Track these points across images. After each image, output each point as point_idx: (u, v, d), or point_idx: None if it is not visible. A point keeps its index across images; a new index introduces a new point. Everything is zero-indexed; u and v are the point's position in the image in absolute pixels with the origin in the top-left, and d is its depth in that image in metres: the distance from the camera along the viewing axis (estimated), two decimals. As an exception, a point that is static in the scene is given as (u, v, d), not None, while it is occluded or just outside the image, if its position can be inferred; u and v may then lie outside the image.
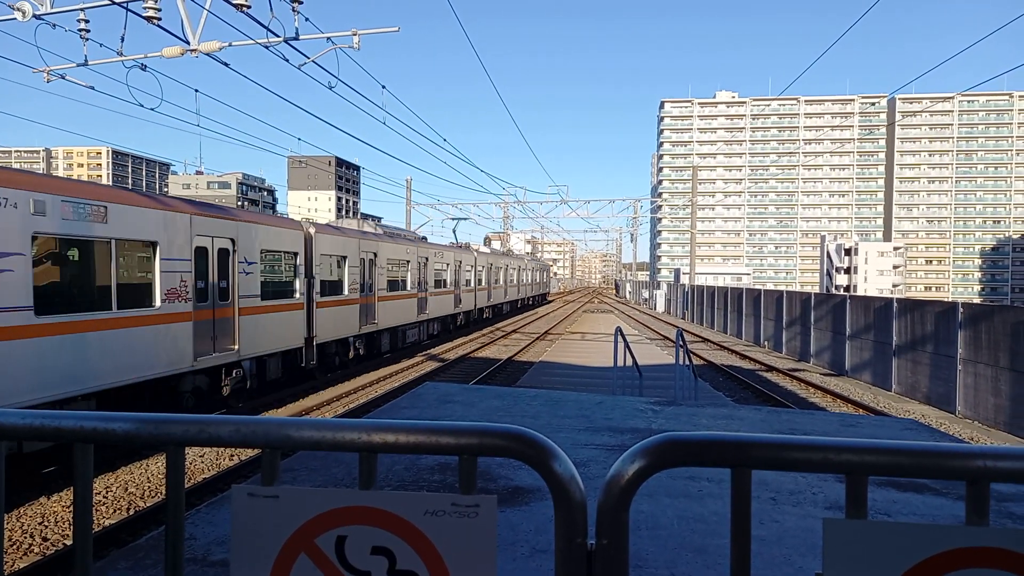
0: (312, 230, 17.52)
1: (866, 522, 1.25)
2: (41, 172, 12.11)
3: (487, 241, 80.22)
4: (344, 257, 19.40)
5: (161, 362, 11.70)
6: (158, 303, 11.68)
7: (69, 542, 7.56)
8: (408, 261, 25.23)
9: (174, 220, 12.08)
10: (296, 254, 16.72)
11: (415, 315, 25.91)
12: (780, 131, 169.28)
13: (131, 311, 11.04)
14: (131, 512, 8.58)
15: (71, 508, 8.23)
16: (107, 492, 9.22)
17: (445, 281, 30.54)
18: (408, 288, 25.16)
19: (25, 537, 7.68)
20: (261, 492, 1.38)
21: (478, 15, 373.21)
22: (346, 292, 19.57)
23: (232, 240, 13.85)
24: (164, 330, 11.79)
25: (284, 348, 16.03)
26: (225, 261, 13.73)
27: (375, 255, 21.81)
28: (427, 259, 27.62)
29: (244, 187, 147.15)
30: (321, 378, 18.21)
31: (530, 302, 60.94)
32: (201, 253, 12.90)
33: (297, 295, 16.72)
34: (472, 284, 35.94)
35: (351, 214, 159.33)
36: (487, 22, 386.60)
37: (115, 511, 8.64)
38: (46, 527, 7.99)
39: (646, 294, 71.19)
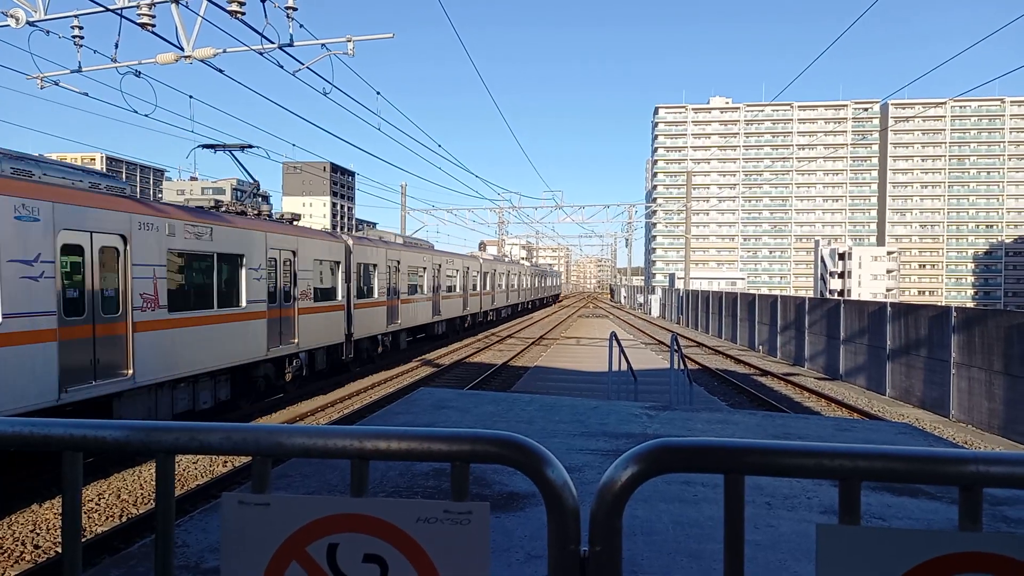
0: (481, 259, 39.94)
1: (859, 528, 1.25)
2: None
3: (482, 247, 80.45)
4: (495, 272, 41.95)
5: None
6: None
7: (61, 550, 7.50)
8: (504, 273, 46.35)
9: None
10: (468, 270, 36.11)
11: (505, 301, 47.84)
12: (774, 136, 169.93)
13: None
14: (124, 519, 8.52)
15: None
16: (99, 499, 9.16)
17: (513, 284, 50.91)
18: (504, 288, 46.58)
19: (16, 545, 7.62)
20: (252, 500, 1.37)
21: (472, 22, 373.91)
22: (489, 290, 41.23)
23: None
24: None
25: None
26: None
27: (495, 271, 42.33)
28: (509, 271, 49.04)
29: (238, 193, 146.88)
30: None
31: (550, 299, 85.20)
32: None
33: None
34: (518, 285, 53.86)
35: (346, 219, 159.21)
36: (481, 29, 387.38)
37: (108, 518, 8.58)
38: (38, 534, 7.93)
39: (641, 299, 71.27)
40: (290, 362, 16.26)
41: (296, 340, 16.17)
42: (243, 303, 14.04)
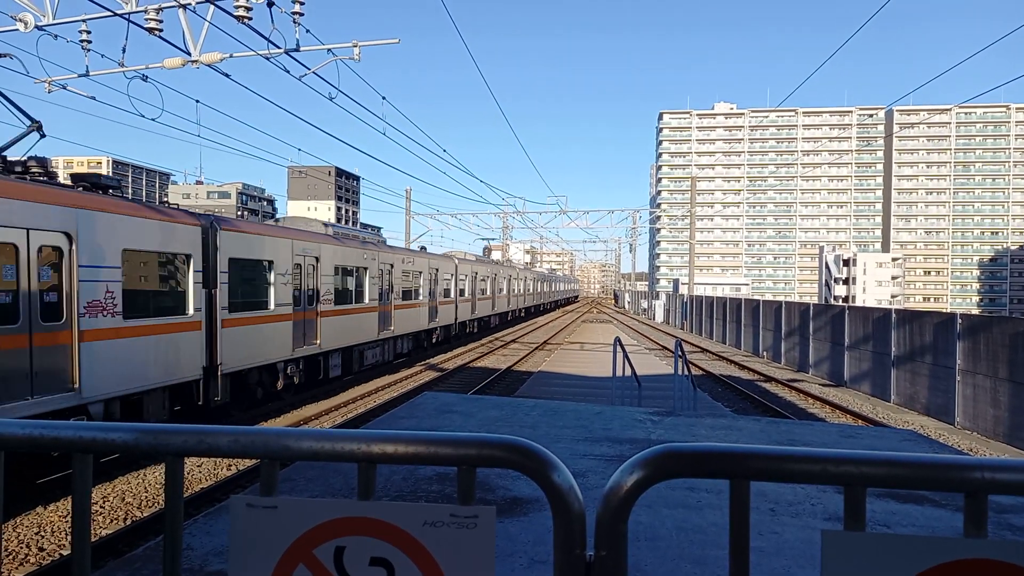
0: (529, 268, 64.72)
1: (864, 534, 1.25)
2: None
3: (487, 251, 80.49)
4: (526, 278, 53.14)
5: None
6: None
7: (66, 552, 7.52)
8: (536, 281, 57.40)
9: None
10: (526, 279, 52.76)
11: (535, 301, 57.70)
12: (778, 142, 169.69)
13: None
14: (128, 522, 8.54)
15: (68, 518, 8.19)
16: (104, 502, 9.18)
17: (537, 288, 61.36)
18: (532, 291, 56.71)
19: (21, 547, 7.64)
20: (260, 503, 1.38)
21: (478, 29, 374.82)
22: (542, 290, 62.56)
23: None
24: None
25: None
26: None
27: (544, 279, 62.41)
28: (537, 277, 59.52)
29: (244, 197, 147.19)
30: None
31: (572, 299, 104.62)
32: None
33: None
34: (541, 289, 65.57)
35: (351, 224, 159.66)
36: (487, 35, 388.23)
37: (112, 521, 8.60)
38: (42, 537, 7.95)
39: (645, 304, 71.19)
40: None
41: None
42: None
